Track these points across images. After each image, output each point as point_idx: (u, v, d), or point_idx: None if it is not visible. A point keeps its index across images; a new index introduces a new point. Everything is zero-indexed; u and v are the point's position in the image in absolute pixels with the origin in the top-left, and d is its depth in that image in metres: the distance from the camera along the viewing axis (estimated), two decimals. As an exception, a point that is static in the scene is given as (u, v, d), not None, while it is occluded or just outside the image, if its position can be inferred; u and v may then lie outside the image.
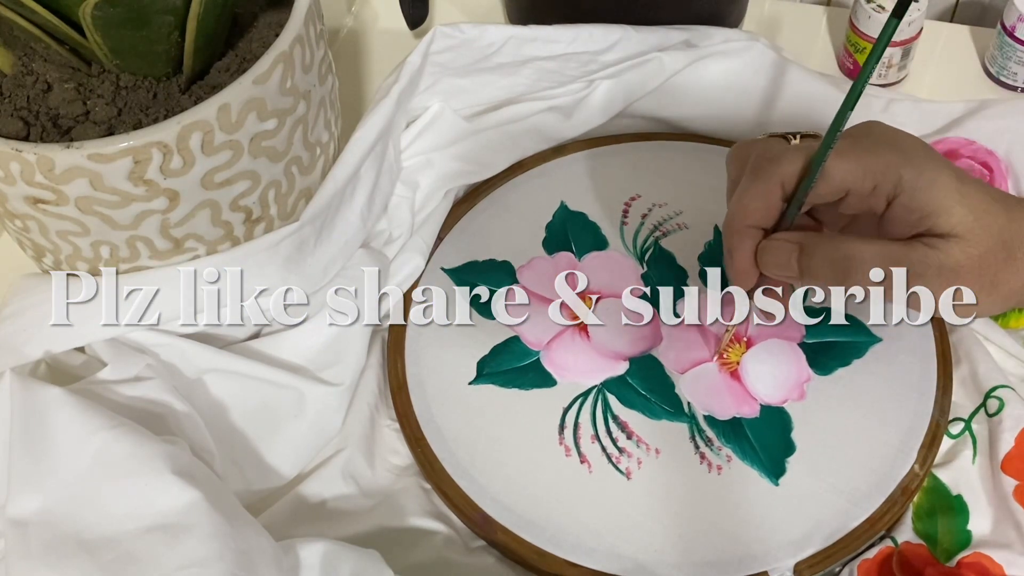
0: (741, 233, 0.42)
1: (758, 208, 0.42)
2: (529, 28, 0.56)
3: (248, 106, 0.41)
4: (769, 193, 0.41)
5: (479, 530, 0.45)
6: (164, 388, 0.43)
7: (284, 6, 0.45)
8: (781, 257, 0.41)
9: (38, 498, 0.38)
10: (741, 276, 0.43)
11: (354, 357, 0.48)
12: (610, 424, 0.47)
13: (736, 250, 0.42)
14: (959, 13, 0.74)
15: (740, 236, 0.42)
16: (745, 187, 0.42)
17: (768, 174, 0.41)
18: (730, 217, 0.42)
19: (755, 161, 0.42)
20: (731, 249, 0.43)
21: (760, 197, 0.41)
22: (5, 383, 0.40)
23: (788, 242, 0.41)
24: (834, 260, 0.40)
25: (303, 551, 0.40)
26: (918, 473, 0.45)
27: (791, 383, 0.48)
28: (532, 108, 0.56)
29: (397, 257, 0.52)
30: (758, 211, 0.42)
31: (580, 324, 0.50)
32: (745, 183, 0.42)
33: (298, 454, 0.47)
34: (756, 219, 0.42)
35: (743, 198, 0.42)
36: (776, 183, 0.41)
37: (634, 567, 0.43)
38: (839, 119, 0.39)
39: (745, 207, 0.42)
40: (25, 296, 0.44)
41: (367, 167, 0.49)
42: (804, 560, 0.43)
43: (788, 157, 0.41)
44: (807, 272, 0.41)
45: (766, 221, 0.42)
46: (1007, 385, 0.47)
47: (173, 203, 0.41)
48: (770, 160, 0.41)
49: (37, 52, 0.43)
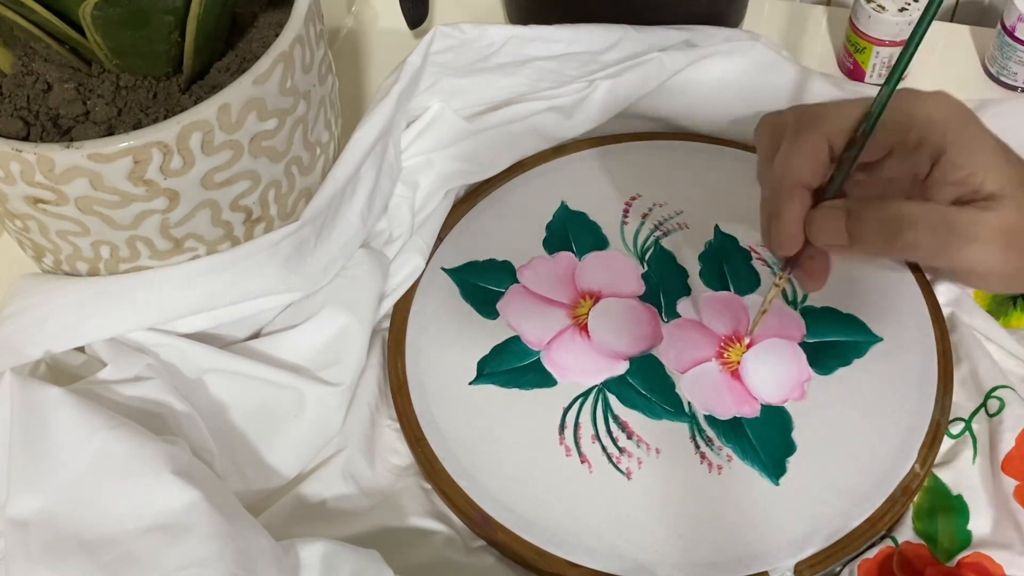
0: (790, 192, 0.40)
1: (807, 164, 0.40)
2: (529, 28, 0.56)
3: (248, 106, 0.41)
4: (818, 149, 0.39)
5: (479, 530, 0.45)
6: (164, 388, 0.43)
7: (284, 6, 0.45)
8: (830, 224, 0.39)
9: (38, 498, 0.38)
10: (787, 240, 0.41)
11: (354, 357, 0.48)
12: (610, 424, 0.47)
13: (784, 211, 0.40)
14: (959, 13, 0.74)
15: (789, 195, 0.40)
16: (791, 145, 0.40)
17: (815, 131, 0.39)
18: (777, 177, 0.40)
19: (799, 119, 0.40)
20: (778, 211, 0.40)
21: (809, 153, 0.39)
22: (5, 383, 0.40)
23: (837, 208, 0.40)
24: (884, 222, 0.38)
25: (303, 551, 0.40)
26: (918, 473, 0.45)
27: (792, 383, 0.48)
28: (532, 108, 0.56)
29: (397, 257, 0.52)
30: (808, 168, 0.40)
31: (580, 324, 0.50)
32: (790, 142, 0.40)
33: (298, 454, 0.47)
34: (806, 177, 0.40)
35: (791, 156, 0.40)
36: (823, 139, 0.39)
37: (634, 567, 0.43)
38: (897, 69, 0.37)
39: (795, 164, 0.40)
40: (25, 296, 0.44)
41: (367, 167, 0.49)
42: (804, 560, 0.43)
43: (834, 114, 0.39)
44: (858, 238, 0.39)
45: (815, 180, 0.40)
46: (1008, 385, 0.47)
47: (173, 203, 0.41)
48: (817, 116, 0.40)
49: (37, 52, 0.43)
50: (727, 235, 0.53)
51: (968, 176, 0.38)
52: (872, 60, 0.61)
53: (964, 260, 0.38)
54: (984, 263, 0.38)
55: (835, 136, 0.39)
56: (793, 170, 0.40)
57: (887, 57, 0.61)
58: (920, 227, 0.38)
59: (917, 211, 0.38)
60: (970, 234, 0.37)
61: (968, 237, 0.38)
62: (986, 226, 0.37)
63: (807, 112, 0.40)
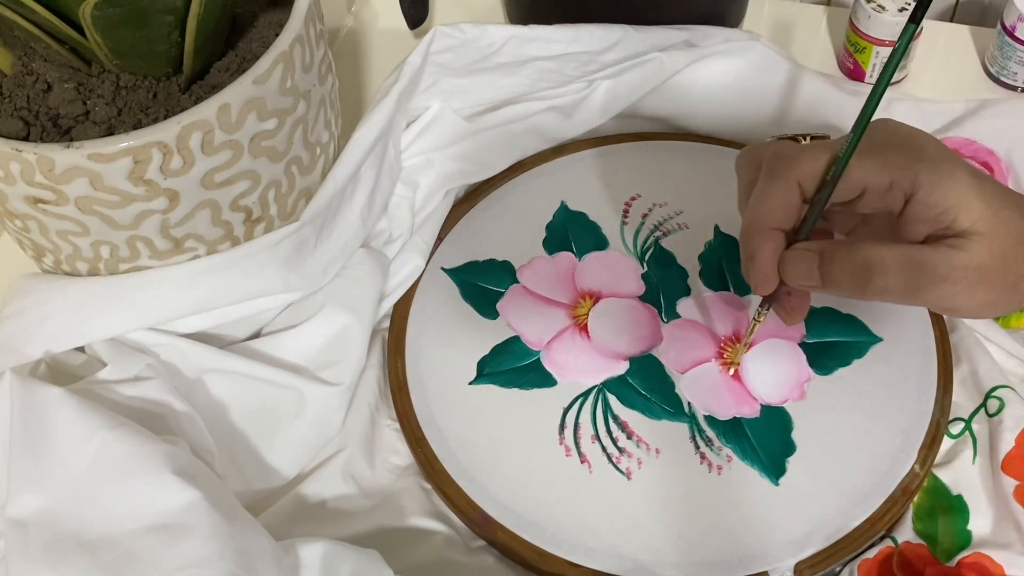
0: (762, 235, 0.41)
1: (778, 209, 0.40)
2: (529, 28, 0.56)
3: (248, 106, 0.41)
4: (789, 193, 0.40)
5: (479, 530, 0.45)
6: (164, 388, 0.43)
7: (284, 6, 0.45)
8: (803, 266, 0.40)
9: (38, 498, 0.38)
10: (763, 281, 0.42)
11: (354, 357, 0.48)
12: (610, 424, 0.47)
13: (758, 254, 0.41)
14: (959, 13, 0.74)
15: (761, 239, 0.41)
16: (763, 188, 0.41)
17: (786, 174, 0.40)
18: (750, 220, 0.41)
19: (771, 161, 0.41)
20: (752, 254, 0.41)
21: (780, 197, 0.40)
22: (5, 383, 0.40)
23: (809, 251, 0.40)
24: (855, 266, 0.39)
25: (303, 551, 0.40)
26: (918, 473, 0.45)
27: (791, 383, 0.48)
28: (532, 108, 0.56)
29: (397, 257, 0.52)
30: (779, 212, 0.40)
31: (580, 324, 0.50)
32: (762, 184, 0.41)
33: (298, 454, 0.47)
34: (777, 220, 0.41)
35: (762, 200, 0.41)
36: (794, 183, 0.40)
37: (634, 567, 0.43)
38: (863, 118, 0.38)
39: (765, 209, 0.40)
40: (25, 296, 0.44)
41: (367, 167, 0.49)
42: (804, 560, 0.43)
43: (806, 156, 0.40)
44: (828, 280, 0.40)
45: (787, 222, 0.41)
46: (1007, 385, 0.47)
47: (173, 203, 0.41)
48: (788, 159, 0.40)
49: (37, 52, 0.43)
50: (727, 235, 0.53)
51: (940, 214, 0.38)
52: (872, 60, 0.61)
53: (934, 299, 0.39)
54: (953, 300, 0.39)
55: (806, 179, 0.40)
56: (764, 214, 0.41)
57: (887, 57, 0.61)
58: (889, 272, 0.39)
59: (887, 256, 0.39)
60: (939, 275, 0.38)
61: (937, 278, 0.38)
62: (956, 266, 0.38)
63: (781, 154, 0.41)
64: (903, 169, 0.39)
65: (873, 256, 0.39)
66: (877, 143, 0.39)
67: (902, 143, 0.40)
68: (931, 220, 0.39)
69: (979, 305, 0.39)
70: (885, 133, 0.40)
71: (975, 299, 0.39)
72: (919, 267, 0.38)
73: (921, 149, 0.39)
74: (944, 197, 0.38)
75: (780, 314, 0.44)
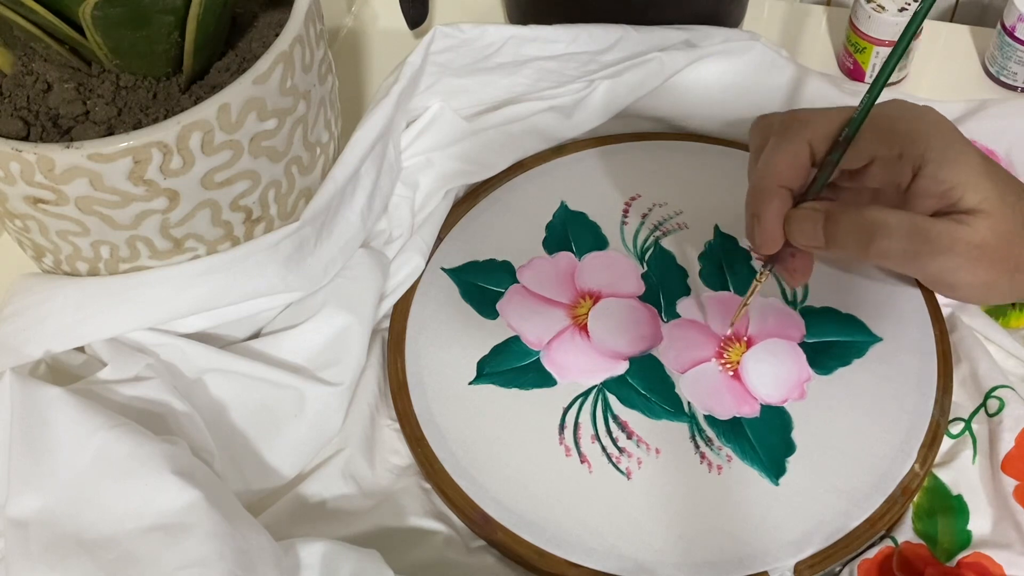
0: (770, 193, 0.41)
1: (788, 168, 0.41)
2: (529, 28, 0.56)
3: (248, 106, 0.41)
4: (799, 153, 0.40)
5: (479, 530, 0.45)
6: (164, 388, 0.43)
7: (284, 6, 0.45)
8: (808, 225, 0.41)
9: (38, 498, 0.38)
10: (767, 239, 0.42)
11: (354, 357, 0.48)
12: (610, 424, 0.47)
13: (764, 212, 0.41)
14: (959, 13, 0.74)
15: (769, 196, 0.41)
16: (774, 147, 0.41)
17: (799, 134, 0.40)
18: (758, 178, 0.41)
19: (785, 122, 0.41)
20: (758, 211, 0.41)
21: (790, 156, 0.41)
22: (5, 383, 0.40)
23: (815, 210, 0.41)
24: (859, 226, 0.39)
25: (303, 551, 0.40)
26: (918, 473, 0.45)
27: (791, 383, 0.48)
28: (532, 108, 0.56)
29: (397, 257, 0.52)
30: (788, 170, 0.41)
31: (580, 324, 0.50)
32: (773, 144, 0.41)
33: (298, 454, 0.47)
34: (786, 179, 0.41)
35: (772, 158, 0.41)
36: (805, 143, 0.40)
37: (634, 567, 0.43)
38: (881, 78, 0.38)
39: (775, 167, 0.41)
40: (25, 296, 0.44)
41: (367, 167, 0.49)
42: (804, 560, 0.43)
43: (819, 117, 0.40)
44: (833, 240, 0.40)
45: (795, 182, 0.41)
46: (1007, 385, 0.46)
47: (173, 203, 0.41)
48: (801, 121, 0.41)
49: (37, 52, 0.43)
50: (727, 235, 0.53)
51: (948, 190, 0.39)
52: (872, 60, 0.61)
53: (934, 270, 0.39)
54: (954, 274, 0.39)
55: (818, 141, 0.40)
56: (773, 172, 0.41)
57: (886, 57, 0.61)
58: (893, 235, 0.39)
59: (892, 219, 0.39)
60: (942, 246, 0.38)
61: (940, 248, 0.39)
62: (959, 240, 0.38)
63: (795, 116, 0.42)
64: (913, 141, 0.39)
65: (878, 218, 0.39)
66: (890, 115, 0.40)
67: (915, 117, 0.40)
68: (938, 196, 0.39)
69: (978, 284, 0.40)
70: (899, 108, 0.41)
71: (975, 276, 0.39)
72: (923, 234, 0.39)
73: (933, 125, 0.40)
74: (952, 173, 0.38)
75: (783, 275, 0.45)
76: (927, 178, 0.39)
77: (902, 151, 0.39)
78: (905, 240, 0.39)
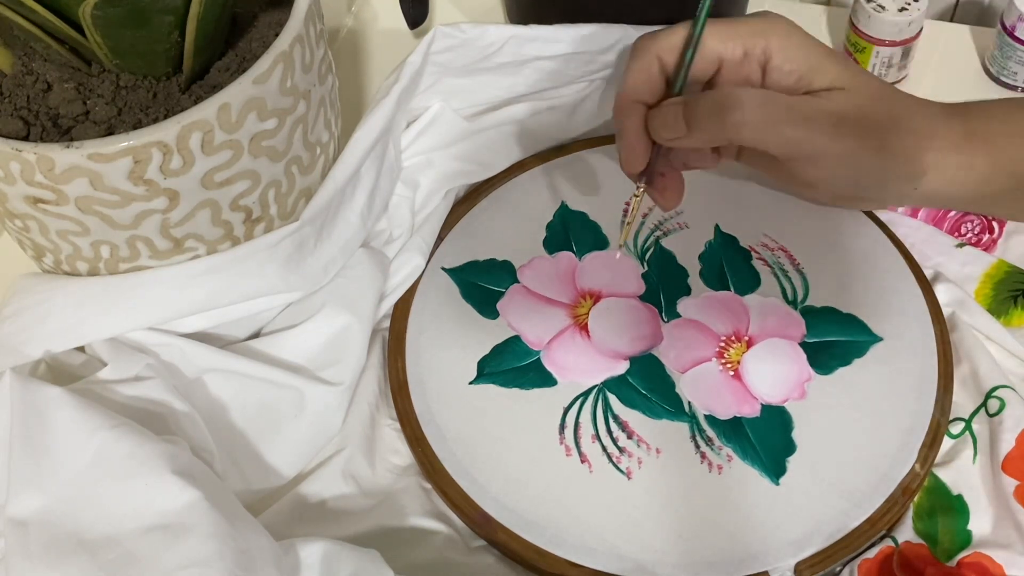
0: (627, 109, 0.44)
1: (641, 83, 0.44)
2: (529, 28, 0.56)
3: (248, 106, 0.41)
4: (649, 66, 0.44)
5: (479, 530, 0.45)
6: (164, 388, 0.43)
7: (284, 6, 0.45)
8: (669, 117, 0.43)
9: (38, 498, 0.38)
10: (631, 153, 0.44)
11: (354, 357, 0.48)
12: (611, 424, 0.47)
13: (624, 127, 0.44)
14: (959, 13, 0.74)
15: (626, 112, 0.44)
16: (627, 66, 0.44)
17: (647, 51, 0.44)
18: (616, 98, 0.45)
19: (635, 43, 0.45)
20: (620, 128, 0.44)
21: (643, 71, 0.44)
22: (5, 383, 0.40)
23: (674, 103, 0.43)
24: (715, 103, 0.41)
25: (303, 551, 0.40)
26: (919, 473, 0.45)
27: (792, 382, 0.48)
28: (532, 108, 0.56)
29: (397, 257, 0.52)
30: (641, 85, 0.44)
31: (580, 324, 0.50)
32: (627, 64, 0.45)
33: (298, 454, 0.47)
34: (640, 94, 0.44)
35: (627, 76, 0.44)
36: (654, 56, 0.43)
37: (634, 567, 0.43)
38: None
39: (630, 83, 0.44)
40: (25, 296, 0.44)
41: (367, 167, 0.49)
42: (804, 560, 0.43)
43: (664, 32, 0.43)
44: (692, 123, 0.42)
45: (650, 96, 0.44)
46: (1008, 385, 0.46)
47: (173, 203, 0.41)
48: (648, 36, 0.44)
49: (37, 52, 0.43)
50: (727, 235, 0.53)
51: (797, 80, 0.41)
52: (872, 60, 0.61)
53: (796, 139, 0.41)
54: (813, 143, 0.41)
55: (665, 52, 0.43)
56: (629, 89, 0.44)
57: (887, 57, 0.61)
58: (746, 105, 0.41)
59: (745, 93, 0.41)
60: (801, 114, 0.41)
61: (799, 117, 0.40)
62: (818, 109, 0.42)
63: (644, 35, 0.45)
64: (754, 38, 0.42)
65: (733, 92, 0.41)
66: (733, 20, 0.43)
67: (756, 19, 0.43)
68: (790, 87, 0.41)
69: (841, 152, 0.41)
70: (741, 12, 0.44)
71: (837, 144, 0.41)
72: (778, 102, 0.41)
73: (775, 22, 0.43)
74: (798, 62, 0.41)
75: (654, 197, 0.47)
76: (775, 71, 0.41)
77: (745, 49, 0.42)
78: (759, 109, 0.41)
